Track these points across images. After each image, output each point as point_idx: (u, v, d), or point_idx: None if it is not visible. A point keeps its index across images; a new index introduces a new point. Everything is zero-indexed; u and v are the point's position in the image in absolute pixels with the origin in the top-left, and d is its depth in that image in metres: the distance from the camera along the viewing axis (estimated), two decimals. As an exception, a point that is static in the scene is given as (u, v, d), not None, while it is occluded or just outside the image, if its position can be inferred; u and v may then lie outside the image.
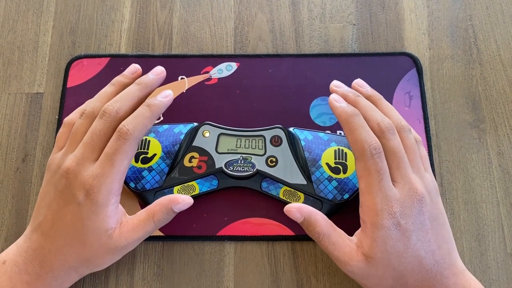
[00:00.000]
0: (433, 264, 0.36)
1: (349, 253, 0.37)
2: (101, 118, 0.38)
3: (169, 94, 0.41)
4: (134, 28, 0.51)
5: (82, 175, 0.37)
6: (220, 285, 0.42)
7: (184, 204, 0.39)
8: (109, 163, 0.37)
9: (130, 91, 0.40)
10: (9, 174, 0.46)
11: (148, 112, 0.39)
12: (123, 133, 0.37)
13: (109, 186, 0.37)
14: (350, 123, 0.38)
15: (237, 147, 0.44)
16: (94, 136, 0.38)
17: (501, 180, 0.45)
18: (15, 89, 0.49)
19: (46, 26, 0.52)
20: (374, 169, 0.36)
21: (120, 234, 0.38)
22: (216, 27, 0.52)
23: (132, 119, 0.38)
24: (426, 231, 0.36)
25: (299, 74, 0.49)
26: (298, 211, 0.38)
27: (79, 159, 0.37)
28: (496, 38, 0.50)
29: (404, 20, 0.51)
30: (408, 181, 0.37)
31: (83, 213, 0.36)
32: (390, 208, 0.36)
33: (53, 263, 0.37)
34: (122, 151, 0.37)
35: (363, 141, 0.37)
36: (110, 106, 0.39)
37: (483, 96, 0.48)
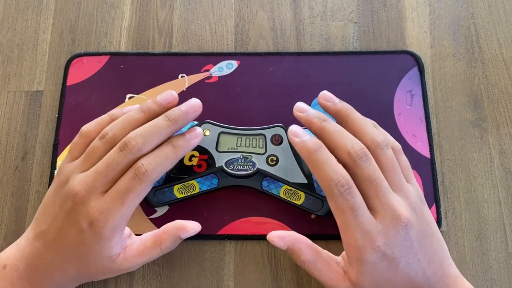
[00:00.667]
0: (424, 281, 0.35)
1: (336, 279, 0.36)
2: (121, 151, 0.35)
3: (199, 135, 0.38)
4: (134, 26, 0.51)
5: (89, 205, 0.35)
6: (220, 284, 0.42)
7: (191, 232, 0.39)
8: (119, 201, 0.35)
9: (158, 126, 0.37)
10: (8, 173, 0.46)
11: (172, 154, 0.36)
12: (140, 173, 0.35)
13: (116, 223, 0.35)
14: (312, 160, 0.36)
15: (238, 145, 0.44)
16: (110, 169, 0.35)
17: (503, 179, 0.45)
18: (14, 87, 0.49)
19: (46, 23, 0.51)
20: (347, 207, 0.34)
21: (124, 258, 0.37)
22: (216, 25, 0.51)
23: (153, 159, 0.35)
24: (414, 253, 0.35)
25: (300, 72, 0.49)
26: (281, 240, 0.38)
27: (89, 187, 0.35)
28: (498, 37, 0.50)
29: (406, 18, 0.51)
30: (389, 209, 0.35)
31: (86, 240, 0.35)
32: (373, 243, 0.34)
33: (53, 274, 0.37)
34: (135, 191, 0.35)
35: (329, 179, 0.34)
36: (134, 141, 0.35)
37: (485, 94, 0.48)
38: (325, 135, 0.37)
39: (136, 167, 0.35)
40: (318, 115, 0.38)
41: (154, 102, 0.39)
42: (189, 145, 0.38)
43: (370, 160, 0.35)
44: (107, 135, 0.37)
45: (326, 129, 0.37)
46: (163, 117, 0.37)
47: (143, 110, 0.38)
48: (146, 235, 0.39)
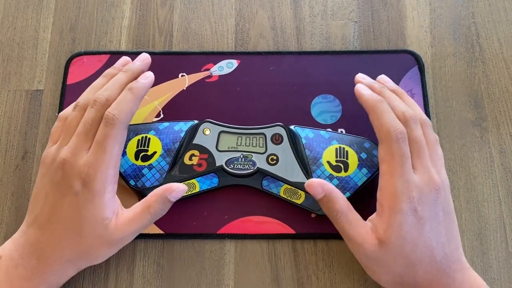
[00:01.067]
0: (442, 256, 0.36)
1: (364, 234, 0.37)
2: (92, 108, 0.39)
3: (150, 76, 0.42)
4: (134, 25, 0.51)
5: (77, 165, 0.37)
6: (220, 283, 0.42)
7: (178, 191, 0.39)
8: (100, 150, 0.37)
9: (117, 79, 0.41)
10: (8, 172, 0.46)
11: (130, 95, 0.39)
12: (109, 119, 0.38)
13: (104, 173, 0.37)
14: (377, 108, 0.40)
15: (238, 145, 0.44)
16: (87, 125, 0.38)
17: (503, 178, 0.45)
18: (14, 86, 0.49)
19: (46, 22, 0.51)
20: (398, 153, 0.37)
21: (116, 226, 0.38)
22: (217, 24, 0.51)
23: (116, 104, 0.39)
24: (439, 222, 0.37)
25: (300, 71, 0.49)
26: (320, 186, 0.39)
27: (73, 150, 0.38)
28: (498, 36, 0.50)
29: (406, 18, 0.51)
30: (427, 171, 0.38)
31: (80, 202, 0.37)
32: (409, 193, 0.36)
33: (50, 257, 0.37)
34: (111, 136, 0.37)
35: (389, 125, 0.38)
36: (100, 94, 0.39)
37: (485, 94, 0.48)
38: (384, 97, 0.41)
39: (104, 116, 0.38)
40: (378, 83, 0.43)
41: (112, 68, 0.44)
42: (144, 85, 0.40)
43: (419, 126, 0.39)
44: (79, 103, 0.40)
45: (385, 93, 0.42)
46: (120, 72, 0.42)
47: (104, 75, 0.43)
48: (136, 204, 0.40)
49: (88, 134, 0.38)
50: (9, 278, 0.36)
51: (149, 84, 0.41)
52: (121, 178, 0.43)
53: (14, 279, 0.37)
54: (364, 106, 0.41)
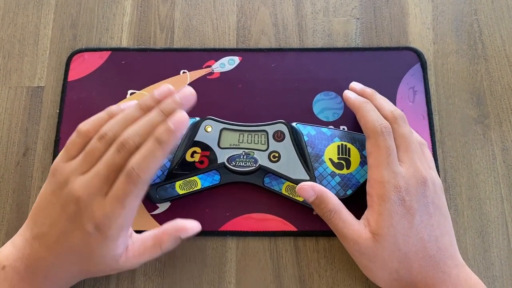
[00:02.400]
0: (436, 251, 0.37)
1: (357, 230, 0.38)
2: (119, 152, 0.35)
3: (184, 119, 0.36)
4: (135, 22, 0.51)
5: (92, 209, 0.35)
6: (222, 280, 0.42)
7: (191, 232, 0.39)
8: (119, 205, 0.35)
9: (152, 122, 0.36)
10: (9, 169, 0.46)
11: (159, 152, 0.35)
12: (133, 177, 0.34)
13: (120, 225, 0.35)
14: (362, 108, 0.41)
15: (240, 142, 0.43)
16: (109, 169, 0.35)
17: (505, 176, 0.45)
18: (15, 82, 0.49)
19: (47, 19, 0.51)
20: (384, 145, 0.38)
21: (126, 259, 0.38)
22: (218, 20, 0.51)
23: (142, 160, 0.34)
24: (429, 215, 0.37)
25: (302, 68, 0.48)
26: (311, 189, 0.39)
27: (91, 189, 0.35)
28: (501, 33, 0.50)
29: (409, 14, 0.51)
30: (413, 164, 0.38)
31: (92, 242, 0.35)
32: (396, 182, 0.37)
33: (55, 275, 0.37)
34: (132, 194, 0.35)
35: (375, 120, 0.40)
36: (131, 140, 0.35)
37: (487, 91, 0.48)
38: (374, 100, 0.43)
39: (127, 171, 0.34)
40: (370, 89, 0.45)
41: (151, 97, 0.38)
42: (173, 139, 0.35)
43: (407, 124, 0.41)
44: (107, 136, 0.36)
45: (375, 95, 0.44)
46: (157, 111, 0.37)
47: (141, 107, 0.38)
48: (146, 235, 0.39)
49: (109, 178, 0.35)
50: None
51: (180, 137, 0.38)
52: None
53: None
54: (351, 108, 0.43)
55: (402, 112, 0.41)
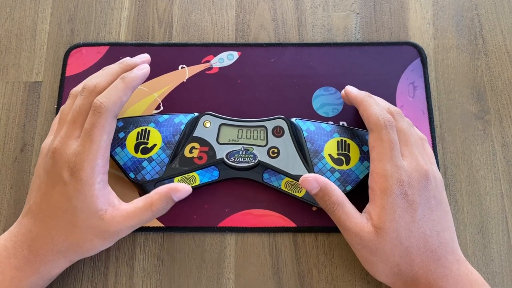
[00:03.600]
0: (437, 245, 0.37)
1: (360, 223, 0.37)
2: (80, 95, 0.39)
3: (144, 67, 0.41)
4: (133, 16, 0.51)
5: (66, 154, 0.37)
6: (221, 276, 0.42)
7: (183, 192, 0.38)
8: (88, 139, 0.37)
9: (109, 68, 0.41)
10: (7, 164, 0.45)
11: (121, 84, 0.39)
12: (96, 107, 0.37)
13: (92, 162, 0.37)
14: (365, 101, 0.41)
15: (239, 137, 0.43)
16: (74, 113, 0.38)
17: (505, 172, 0.45)
18: (13, 77, 0.48)
19: (44, 13, 0.51)
20: (387, 138, 0.38)
21: (112, 217, 0.37)
22: (217, 15, 0.51)
23: (105, 92, 0.38)
24: (431, 209, 0.37)
25: (302, 63, 0.48)
26: (315, 180, 0.39)
27: (63, 138, 0.38)
28: (502, 28, 0.49)
29: (409, 9, 0.51)
30: (415, 158, 0.38)
31: (70, 192, 0.36)
32: (399, 176, 0.37)
33: (41, 247, 0.37)
34: (98, 125, 0.37)
35: (378, 114, 0.39)
36: (88, 81, 0.39)
37: (488, 87, 0.47)
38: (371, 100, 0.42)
39: (93, 104, 0.38)
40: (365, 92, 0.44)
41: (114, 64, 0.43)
42: (137, 75, 0.40)
43: (405, 119, 0.41)
44: (72, 91, 0.41)
45: (372, 95, 0.43)
46: (115, 64, 0.42)
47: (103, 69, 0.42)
48: (137, 198, 0.39)
49: (76, 122, 0.38)
50: (1, 268, 0.36)
51: (143, 75, 0.41)
52: (121, 171, 0.42)
53: (6, 268, 0.36)
54: (353, 102, 0.43)
55: (398, 108, 0.41)
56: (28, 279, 0.37)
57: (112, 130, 0.39)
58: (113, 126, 0.39)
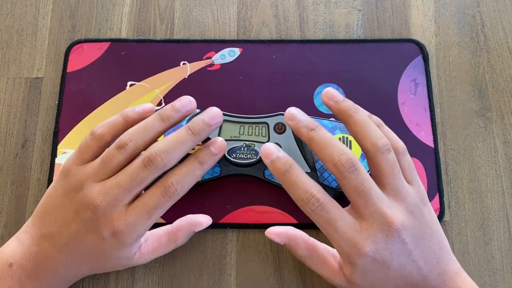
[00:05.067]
0: (420, 279, 0.35)
1: (332, 272, 0.37)
2: (146, 167, 0.34)
3: (224, 146, 0.37)
4: (135, 12, 0.50)
5: (112, 217, 0.34)
6: (222, 273, 0.42)
7: (205, 225, 0.41)
8: (146, 215, 0.35)
9: (182, 141, 0.35)
10: (8, 160, 0.45)
11: (199, 171, 0.36)
12: (170, 192, 0.35)
13: (140, 234, 0.36)
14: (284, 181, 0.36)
15: (240, 134, 0.43)
16: (134, 184, 0.34)
17: (506, 169, 0.45)
18: (14, 73, 0.48)
19: (45, 9, 0.51)
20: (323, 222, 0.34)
21: (140, 256, 0.38)
22: (218, 11, 0.51)
23: (182, 177, 0.35)
24: (408, 254, 0.35)
25: (303, 60, 0.48)
26: (278, 236, 0.39)
27: (110, 199, 0.34)
28: (504, 25, 0.49)
29: (411, 6, 0.50)
30: (379, 216, 0.34)
31: (106, 246, 0.35)
32: (359, 250, 0.34)
33: (65, 273, 0.37)
34: (163, 207, 0.35)
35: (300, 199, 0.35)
36: (159, 158, 0.34)
37: (489, 84, 0.47)
38: (313, 146, 0.36)
39: (165, 185, 0.35)
40: (307, 124, 0.36)
41: (173, 109, 0.37)
42: (215, 160, 0.37)
43: (357, 171, 0.34)
44: (127, 146, 0.35)
45: (314, 139, 0.36)
46: (186, 130, 0.36)
47: (162, 118, 0.36)
48: (160, 232, 0.40)
49: (131, 192, 0.35)
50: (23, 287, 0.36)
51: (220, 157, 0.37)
52: (123, 167, 0.42)
53: None
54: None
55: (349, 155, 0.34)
56: None
57: None
58: None
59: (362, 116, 0.36)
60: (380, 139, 0.35)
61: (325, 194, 0.35)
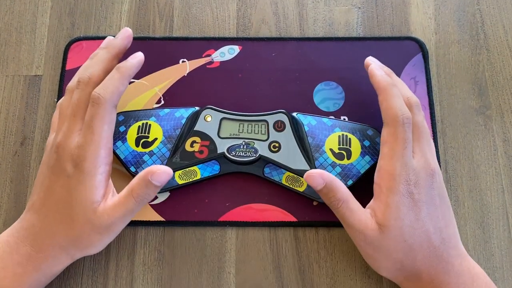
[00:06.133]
0: (440, 242, 0.37)
1: (364, 220, 0.37)
2: (77, 88, 0.39)
3: (139, 56, 0.41)
4: (134, 10, 0.50)
5: (69, 147, 0.37)
6: (222, 271, 0.42)
7: (160, 173, 0.37)
8: (89, 130, 0.37)
9: (98, 56, 0.41)
10: (7, 158, 0.45)
11: (117, 75, 0.39)
12: (95, 98, 0.38)
13: (94, 153, 0.37)
14: (388, 91, 0.40)
15: (240, 132, 0.43)
16: (74, 107, 0.39)
17: (506, 167, 0.45)
18: (13, 71, 0.48)
19: (44, 7, 0.51)
20: (402, 137, 0.38)
21: (103, 210, 0.37)
22: (218, 9, 0.50)
23: (102, 84, 0.39)
24: (435, 207, 0.37)
25: (303, 58, 0.48)
26: (320, 177, 0.38)
27: (65, 133, 0.38)
28: (504, 23, 0.49)
29: (410, 4, 0.50)
30: (424, 155, 0.38)
31: (71, 184, 0.37)
32: (407, 175, 0.37)
33: (43, 242, 0.37)
34: (98, 116, 0.37)
35: (398, 108, 0.38)
36: (82, 74, 0.40)
37: (489, 82, 0.47)
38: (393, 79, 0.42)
39: (91, 96, 0.38)
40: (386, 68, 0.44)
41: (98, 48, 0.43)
42: (131, 64, 0.40)
43: (421, 112, 0.40)
44: (68, 87, 0.41)
45: (393, 76, 0.43)
46: (99, 49, 0.42)
47: (91, 57, 0.42)
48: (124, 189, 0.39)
49: (76, 115, 0.38)
50: (4, 264, 0.36)
51: (138, 64, 0.41)
52: (122, 165, 0.42)
53: (9, 265, 0.36)
54: (375, 86, 0.41)
55: (417, 99, 0.41)
56: (31, 275, 0.37)
57: (112, 121, 0.39)
58: (113, 116, 0.39)
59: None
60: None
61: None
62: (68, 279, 0.41)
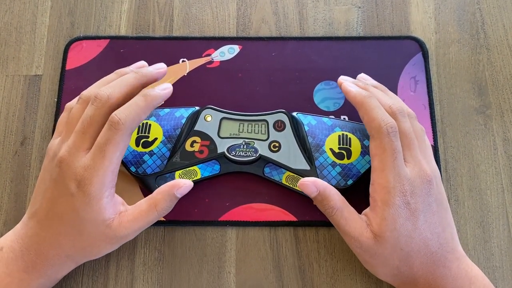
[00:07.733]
0: (437, 247, 0.36)
1: (359, 229, 0.37)
2: (92, 104, 0.37)
3: (168, 87, 0.40)
4: (134, 9, 0.50)
5: (74, 166, 0.35)
6: (222, 270, 0.42)
7: (185, 188, 0.39)
8: (100, 154, 0.35)
9: (124, 78, 0.39)
10: (7, 158, 0.45)
11: (142, 102, 0.37)
12: (114, 122, 0.35)
13: (102, 178, 0.35)
14: (366, 104, 0.39)
15: (240, 131, 0.43)
16: (85, 123, 0.36)
17: (506, 166, 0.45)
18: (12, 71, 0.48)
19: (44, 6, 0.50)
20: (390, 147, 0.37)
21: (119, 224, 0.37)
22: (218, 8, 0.50)
23: (125, 108, 0.36)
24: (432, 213, 0.37)
25: (303, 57, 0.48)
26: (313, 185, 0.38)
27: (71, 148, 0.36)
28: (504, 23, 0.49)
29: (410, 3, 0.50)
30: (418, 162, 0.37)
31: (76, 204, 0.35)
32: (402, 187, 0.36)
33: (48, 251, 0.37)
34: (113, 142, 0.35)
35: (380, 119, 0.37)
36: (102, 91, 0.37)
37: (489, 81, 0.47)
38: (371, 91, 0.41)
39: (110, 118, 0.36)
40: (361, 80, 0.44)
41: (126, 67, 0.42)
42: (159, 95, 0.38)
43: (406, 118, 0.39)
44: (82, 96, 0.39)
45: (370, 88, 0.41)
46: (130, 73, 0.40)
47: (116, 72, 0.41)
48: (141, 201, 0.39)
49: (86, 133, 0.36)
50: (9, 270, 0.36)
51: (166, 96, 0.39)
52: (122, 164, 0.42)
53: (14, 271, 0.36)
54: (352, 102, 0.40)
55: (401, 105, 0.40)
56: (36, 281, 0.37)
57: (125, 147, 0.37)
58: (127, 143, 0.37)
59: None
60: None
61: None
62: (69, 279, 0.42)
